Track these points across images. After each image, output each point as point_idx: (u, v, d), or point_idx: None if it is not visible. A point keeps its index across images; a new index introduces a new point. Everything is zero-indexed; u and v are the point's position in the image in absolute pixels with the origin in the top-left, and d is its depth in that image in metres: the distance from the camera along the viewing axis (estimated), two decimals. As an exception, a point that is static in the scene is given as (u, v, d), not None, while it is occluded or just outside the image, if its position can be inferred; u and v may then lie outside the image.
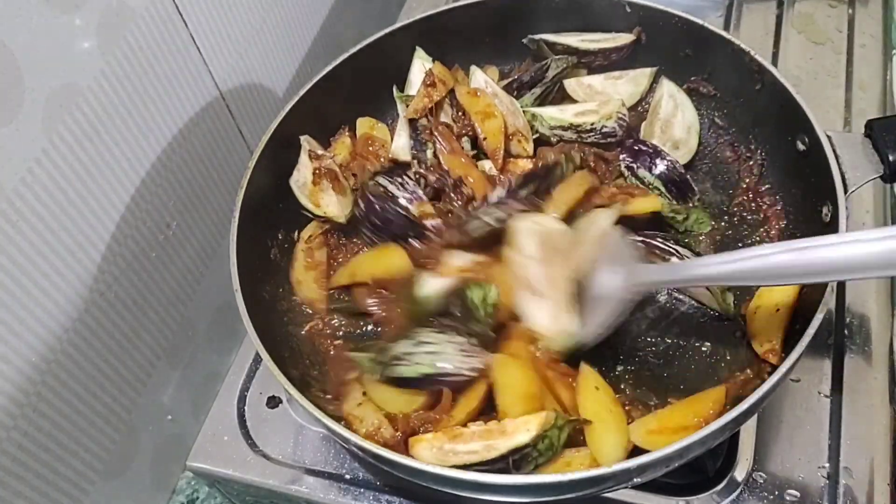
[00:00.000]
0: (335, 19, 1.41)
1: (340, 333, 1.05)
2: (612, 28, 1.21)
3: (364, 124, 1.20)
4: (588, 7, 1.21)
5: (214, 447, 1.07)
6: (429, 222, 1.05)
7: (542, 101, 1.19)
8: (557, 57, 1.20)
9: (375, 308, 1.04)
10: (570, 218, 1.03)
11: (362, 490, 1.01)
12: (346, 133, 1.20)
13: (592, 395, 0.89)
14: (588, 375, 0.91)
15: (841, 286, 1.11)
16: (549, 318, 0.94)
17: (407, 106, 1.17)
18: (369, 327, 1.05)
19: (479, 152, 1.14)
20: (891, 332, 1.06)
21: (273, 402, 1.10)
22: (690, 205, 1.10)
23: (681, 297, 1.01)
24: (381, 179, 1.09)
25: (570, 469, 0.82)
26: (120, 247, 0.94)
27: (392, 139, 1.18)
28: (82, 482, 0.92)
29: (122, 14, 0.90)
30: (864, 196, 1.19)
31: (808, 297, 0.91)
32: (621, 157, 1.11)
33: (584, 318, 0.93)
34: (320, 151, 1.14)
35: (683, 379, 0.95)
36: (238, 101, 1.15)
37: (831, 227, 0.91)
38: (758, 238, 1.07)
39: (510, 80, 1.21)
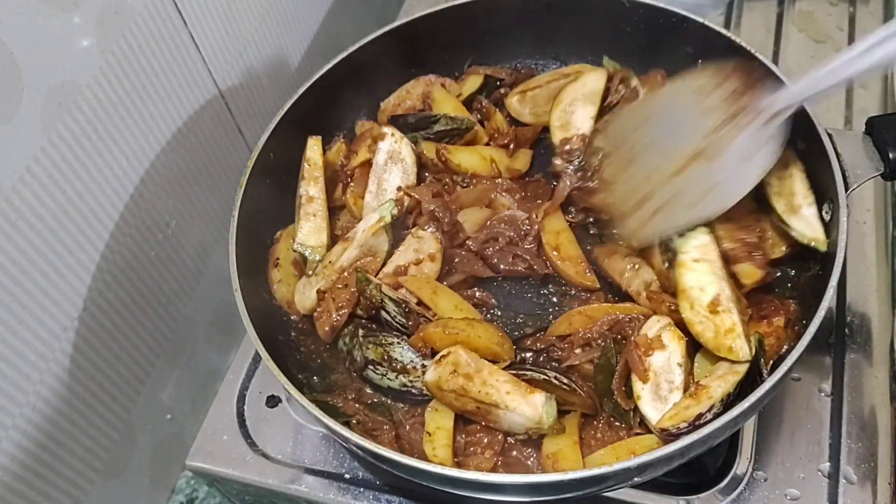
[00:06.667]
0: (335, 19, 1.41)
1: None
2: (610, 27, 1.21)
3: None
4: (587, 6, 1.21)
5: (214, 446, 1.06)
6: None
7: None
8: (452, 117, 1.16)
9: None
10: None
11: (362, 489, 1.01)
12: (342, 140, 1.20)
13: None
14: None
15: (842, 285, 1.10)
16: None
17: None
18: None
19: None
20: (891, 330, 1.06)
21: (272, 401, 1.10)
22: None
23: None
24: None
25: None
26: (119, 245, 0.94)
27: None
28: (82, 481, 0.91)
29: (121, 12, 0.90)
30: (864, 194, 1.19)
31: (809, 295, 0.91)
32: None
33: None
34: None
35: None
36: (238, 101, 1.15)
37: (832, 226, 0.91)
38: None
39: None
